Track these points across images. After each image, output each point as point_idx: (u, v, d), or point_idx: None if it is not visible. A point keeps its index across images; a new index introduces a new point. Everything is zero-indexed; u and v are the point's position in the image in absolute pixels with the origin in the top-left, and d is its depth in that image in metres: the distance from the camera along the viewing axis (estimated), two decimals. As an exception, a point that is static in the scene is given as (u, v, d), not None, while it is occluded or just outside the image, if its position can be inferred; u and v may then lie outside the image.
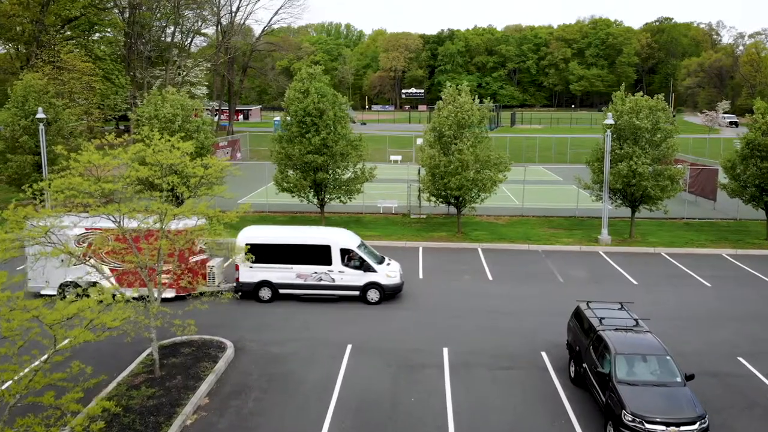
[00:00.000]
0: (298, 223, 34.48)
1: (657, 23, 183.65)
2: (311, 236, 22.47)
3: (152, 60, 71.72)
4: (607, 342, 14.43)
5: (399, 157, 63.11)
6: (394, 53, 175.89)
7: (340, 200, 31.42)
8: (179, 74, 66.50)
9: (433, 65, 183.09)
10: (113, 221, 15.51)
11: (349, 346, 18.37)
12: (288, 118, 30.63)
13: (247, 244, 21.16)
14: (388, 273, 22.09)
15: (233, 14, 71.17)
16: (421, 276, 25.24)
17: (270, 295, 22.12)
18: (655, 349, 14.36)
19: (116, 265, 20.71)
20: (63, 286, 21.85)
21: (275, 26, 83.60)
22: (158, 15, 73.94)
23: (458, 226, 31.62)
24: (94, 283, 20.11)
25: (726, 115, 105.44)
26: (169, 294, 21.55)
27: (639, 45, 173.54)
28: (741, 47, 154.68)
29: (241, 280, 22.13)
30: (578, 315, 16.59)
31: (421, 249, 29.12)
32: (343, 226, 33.55)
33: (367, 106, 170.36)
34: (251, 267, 21.71)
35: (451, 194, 29.45)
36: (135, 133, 31.45)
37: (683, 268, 26.82)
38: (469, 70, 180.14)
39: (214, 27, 72.56)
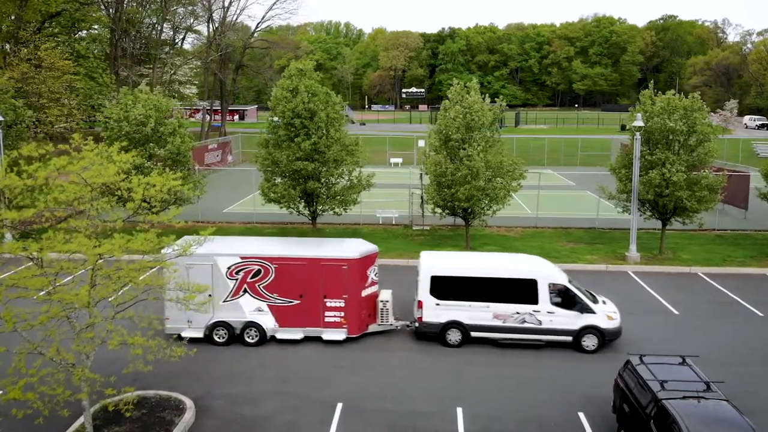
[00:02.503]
0: (289, 235, 31.05)
1: (661, 21, 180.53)
2: (511, 267, 18.65)
3: (140, 58, 68.25)
4: (675, 418, 10.95)
5: (399, 160, 59.77)
6: (394, 52, 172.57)
7: (334, 212, 27.96)
8: (167, 72, 62.95)
9: (434, 64, 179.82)
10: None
11: (339, 406, 14.85)
12: (275, 119, 27.13)
13: (432, 276, 18.16)
14: (608, 314, 18.06)
15: (225, 9, 67.76)
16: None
17: (460, 339, 18.21)
18: (739, 427, 10.91)
19: (278, 300, 18.11)
20: (211, 328, 18.17)
21: (270, 23, 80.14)
22: (147, 11, 70.48)
23: (466, 240, 28.14)
24: (251, 324, 17.84)
25: (756, 117, 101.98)
26: (339, 335, 18.34)
27: (643, 43, 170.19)
28: (749, 45, 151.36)
29: (425, 319, 18.26)
30: (630, 373, 13.09)
31: (425, 269, 25.62)
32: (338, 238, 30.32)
33: (366, 106, 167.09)
34: (438, 304, 18.16)
35: (459, 206, 25.98)
36: (104, 138, 27.95)
37: (726, 291, 23.34)
38: (471, 69, 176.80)
39: (206, 23, 69.09)
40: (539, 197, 33.93)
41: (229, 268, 18.13)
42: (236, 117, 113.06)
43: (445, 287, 18.21)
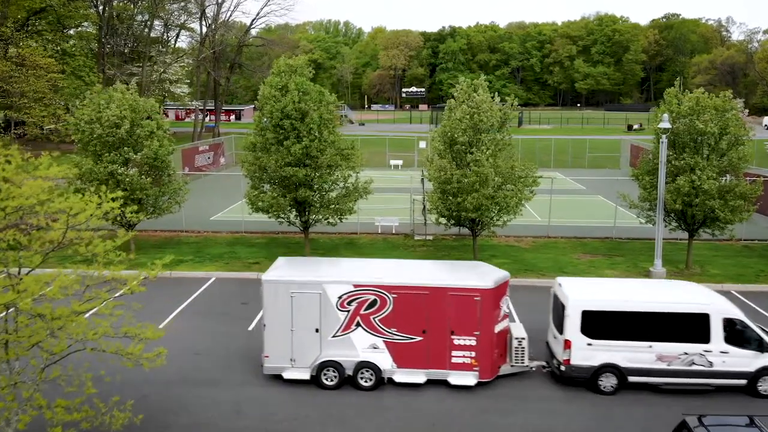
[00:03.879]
0: (280, 245, 28.58)
1: (664, 20, 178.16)
2: (676, 299, 15.84)
3: (129, 56, 65.66)
4: None
5: (400, 162, 57.24)
6: (394, 51, 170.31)
7: (328, 222, 25.47)
8: (157, 71, 60.35)
9: (434, 63, 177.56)
10: None
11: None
12: (264, 120, 24.60)
13: (584, 312, 15.34)
14: None
15: (219, 5, 65.06)
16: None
17: (615, 385, 15.48)
18: None
19: (397, 336, 15.58)
20: (319, 368, 15.47)
21: (266, 19, 77.68)
22: (138, 8, 67.94)
23: (474, 252, 25.62)
24: (365, 364, 15.46)
25: None
26: (469, 380, 15.51)
27: (646, 42, 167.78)
28: (755, 43, 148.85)
29: (573, 362, 15.46)
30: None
31: (428, 286, 23.12)
32: (332, 251, 27.86)
33: (366, 106, 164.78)
34: (590, 345, 15.43)
35: (466, 216, 23.48)
36: (75, 142, 25.49)
37: (766, 314, 20.86)
38: (471, 68, 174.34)
39: (198, 20, 66.50)
40: (551, 204, 31.33)
41: (340, 297, 15.45)
42: (232, 117, 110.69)
43: (599, 324, 15.44)
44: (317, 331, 15.41)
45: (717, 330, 15.29)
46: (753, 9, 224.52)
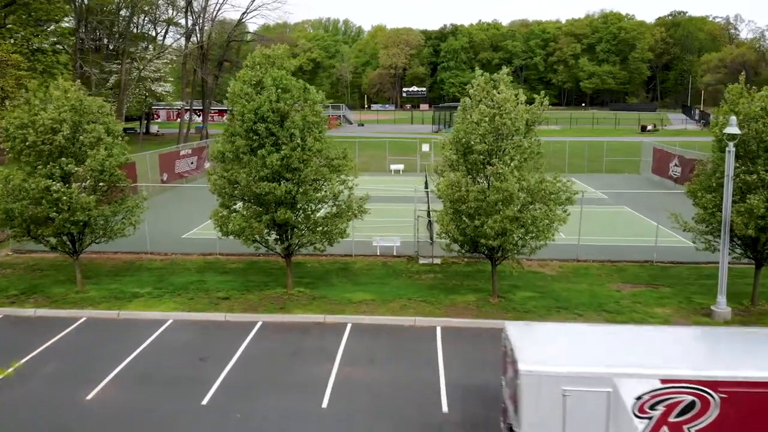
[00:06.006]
0: (260, 272, 24.05)
1: (670, 17, 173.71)
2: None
3: (112, 53, 61.06)
4: None
5: (401, 167, 52.69)
6: (394, 50, 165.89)
7: (315, 248, 20.89)
8: (137, 68, 55.69)
9: (436, 62, 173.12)
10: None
11: None
12: (239, 122, 19.89)
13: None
14: None
15: (206, -1, 60.41)
16: (445, 409, 14.48)
17: None
18: None
19: None
20: None
21: (257, 13, 72.88)
22: (119, 2, 63.29)
23: (493, 286, 20.98)
24: None
25: None
26: None
27: (653, 40, 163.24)
28: (767, 41, 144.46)
29: None
30: None
31: (439, 333, 18.47)
32: (322, 279, 23.26)
33: (366, 106, 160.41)
34: None
35: (486, 244, 18.86)
36: (5, 152, 20.93)
37: None
38: (473, 67, 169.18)
39: (184, 14, 61.80)
40: (581, 218, 26.43)
41: (639, 398, 10.64)
42: (225, 117, 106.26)
43: None
44: None
45: None
46: (760, 6, 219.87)
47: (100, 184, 20.67)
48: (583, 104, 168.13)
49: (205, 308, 19.94)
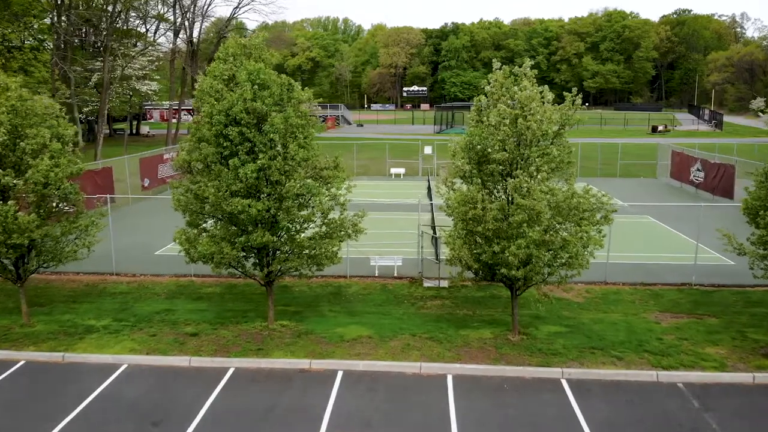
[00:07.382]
0: (238, 298, 20.74)
1: (675, 16, 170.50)
2: None
3: (95, 50, 57.73)
4: None
5: (402, 171, 49.48)
6: (394, 49, 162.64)
7: (301, 274, 17.57)
8: (120, 66, 52.33)
9: (437, 61, 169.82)
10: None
11: None
12: (206, 126, 16.51)
13: None
14: None
15: (195, -6, 57.05)
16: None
17: None
18: None
19: None
20: None
21: (249, 7, 69.44)
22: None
23: (513, 319, 17.61)
24: None
25: None
26: None
27: (657, 38, 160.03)
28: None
29: None
30: None
31: (450, 383, 15.11)
32: (311, 306, 19.74)
33: (366, 105, 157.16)
34: None
35: (507, 273, 15.51)
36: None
37: None
38: (475, 66, 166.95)
39: (171, 9, 58.46)
40: (611, 233, 22.83)
41: None
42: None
43: None
44: None
45: None
46: (767, 4, 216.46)
47: (46, 199, 17.33)
48: (587, 104, 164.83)
49: (168, 349, 16.56)
